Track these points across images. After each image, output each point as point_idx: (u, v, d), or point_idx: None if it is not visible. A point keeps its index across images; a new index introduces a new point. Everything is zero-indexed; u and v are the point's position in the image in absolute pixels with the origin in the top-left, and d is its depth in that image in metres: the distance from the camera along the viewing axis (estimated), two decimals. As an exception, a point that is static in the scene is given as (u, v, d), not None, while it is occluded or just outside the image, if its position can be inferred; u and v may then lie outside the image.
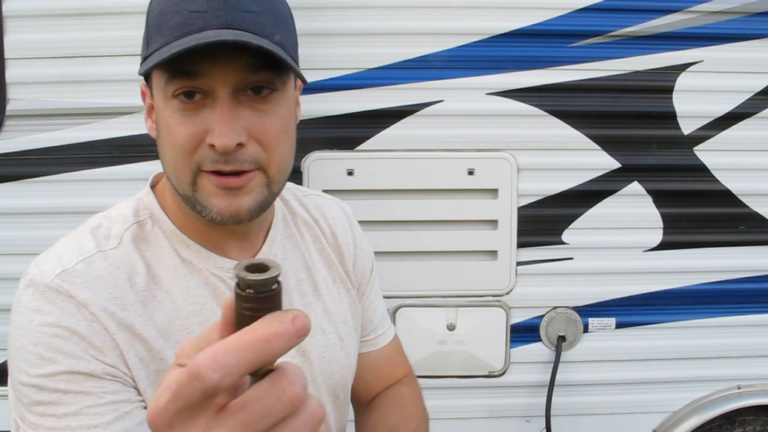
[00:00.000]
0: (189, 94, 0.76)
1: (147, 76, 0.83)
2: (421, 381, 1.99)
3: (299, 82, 0.88)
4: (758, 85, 1.93)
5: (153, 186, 0.92)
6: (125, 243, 0.85)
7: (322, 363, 0.95)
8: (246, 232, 0.89)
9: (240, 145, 0.76)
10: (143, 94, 0.88)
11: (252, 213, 0.81)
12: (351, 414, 1.15)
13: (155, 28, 0.78)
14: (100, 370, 0.75)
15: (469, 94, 1.91)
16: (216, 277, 0.86)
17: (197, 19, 0.73)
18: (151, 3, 0.83)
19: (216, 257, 0.86)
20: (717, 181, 1.97)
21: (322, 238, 1.01)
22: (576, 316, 2.00)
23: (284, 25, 0.81)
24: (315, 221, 1.02)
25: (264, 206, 0.83)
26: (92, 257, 0.82)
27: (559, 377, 1.98)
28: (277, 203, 0.94)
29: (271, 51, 0.73)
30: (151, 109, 0.86)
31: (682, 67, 1.92)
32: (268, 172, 0.80)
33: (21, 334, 0.77)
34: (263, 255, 0.89)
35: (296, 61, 0.84)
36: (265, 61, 0.76)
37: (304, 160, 1.87)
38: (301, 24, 1.88)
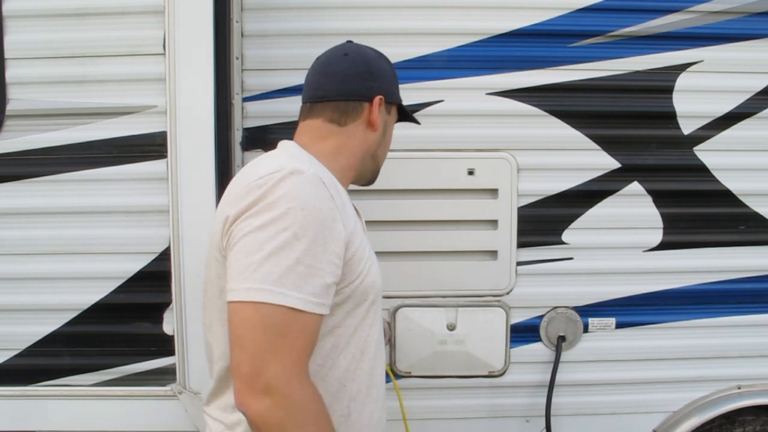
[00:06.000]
0: None
1: (387, 100, 1.37)
2: (421, 381, 2.00)
3: None
4: (758, 85, 1.94)
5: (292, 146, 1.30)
6: (313, 162, 1.20)
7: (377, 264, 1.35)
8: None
9: None
10: (380, 103, 1.34)
11: None
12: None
13: (396, 82, 1.43)
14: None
15: (469, 94, 1.91)
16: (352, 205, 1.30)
17: None
18: (386, 61, 1.42)
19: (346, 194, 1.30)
20: (717, 181, 1.97)
21: None
22: (576, 316, 2.00)
23: None
24: None
25: None
26: (310, 162, 1.18)
27: (559, 377, 1.98)
28: None
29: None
30: (380, 105, 1.34)
31: (682, 67, 1.92)
32: None
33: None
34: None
35: None
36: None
37: (304, 160, 1.87)
38: (301, 24, 1.90)
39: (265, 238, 1.05)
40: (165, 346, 1.84)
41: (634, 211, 1.97)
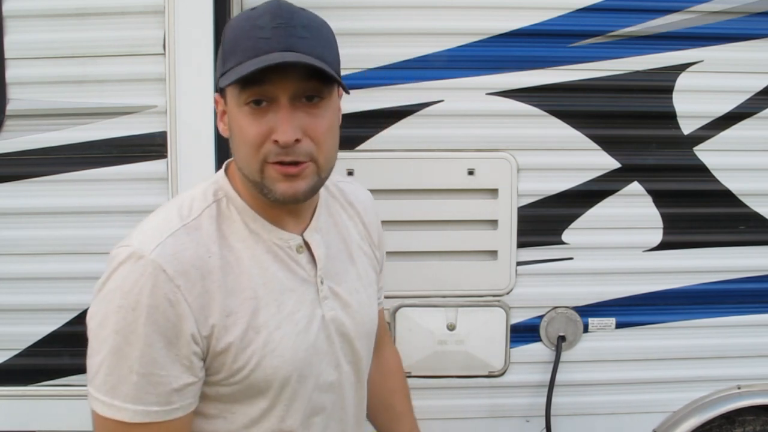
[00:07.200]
0: (257, 102, 0.95)
1: (221, 87, 1.00)
2: (421, 381, 2.00)
3: (341, 91, 1.06)
4: (758, 85, 1.93)
5: (225, 171, 1.09)
6: (204, 218, 1.02)
7: (358, 315, 1.16)
8: (299, 210, 1.08)
9: (297, 140, 0.95)
10: (216, 102, 1.06)
11: (306, 195, 1.01)
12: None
13: (230, 51, 0.97)
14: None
15: (469, 94, 1.91)
16: (276, 246, 1.05)
17: (264, 44, 0.93)
18: (225, 30, 1.01)
19: (277, 230, 1.05)
20: (717, 181, 1.97)
21: (355, 218, 1.23)
22: (576, 316, 2.00)
23: (329, 47, 1.01)
24: (350, 204, 1.24)
25: (315, 189, 1.03)
26: (177, 231, 0.98)
27: (559, 377, 1.98)
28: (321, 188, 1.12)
29: (321, 67, 0.93)
30: (223, 114, 1.05)
31: (682, 67, 1.92)
32: (319, 162, 1.00)
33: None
34: (311, 229, 1.10)
35: (339, 74, 1.01)
36: (316, 75, 0.95)
37: (304, 160, 1.87)
38: (301, 24, 1.89)
39: (102, 338, 0.94)
40: (165, 346, 1.84)
41: (634, 211, 1.97)
